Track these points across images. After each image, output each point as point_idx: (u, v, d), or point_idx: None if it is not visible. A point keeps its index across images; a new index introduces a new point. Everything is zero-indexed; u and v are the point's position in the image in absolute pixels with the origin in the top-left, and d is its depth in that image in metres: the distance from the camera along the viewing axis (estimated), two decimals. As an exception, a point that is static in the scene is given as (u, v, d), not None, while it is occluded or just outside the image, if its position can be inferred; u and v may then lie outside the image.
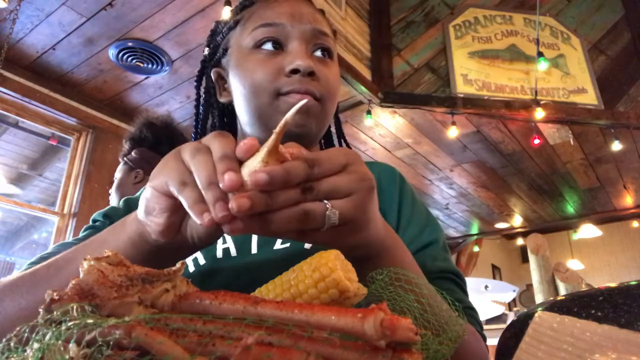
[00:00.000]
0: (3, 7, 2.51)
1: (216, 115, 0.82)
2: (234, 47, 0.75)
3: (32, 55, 3.07)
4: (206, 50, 0.83)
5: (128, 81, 3.36)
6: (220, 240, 0.68)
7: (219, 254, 0.68)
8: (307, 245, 0.65)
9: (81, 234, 0.75)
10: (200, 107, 0.83)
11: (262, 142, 0.40)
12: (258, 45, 0.71)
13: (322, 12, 0.80)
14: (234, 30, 0.77)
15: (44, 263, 0.54)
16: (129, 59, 3.09)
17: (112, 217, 0.75)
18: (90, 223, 0.77)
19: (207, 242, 0.46)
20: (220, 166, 0.39)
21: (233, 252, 0.68)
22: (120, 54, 3.06)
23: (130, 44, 2.98)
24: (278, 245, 0.67)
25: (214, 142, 0.41)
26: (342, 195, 0.39)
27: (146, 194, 0.45)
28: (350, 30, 3.53)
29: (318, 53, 0.73)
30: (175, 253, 0.47)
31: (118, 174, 1.91)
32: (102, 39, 2.96)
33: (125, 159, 1.91)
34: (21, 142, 4.39)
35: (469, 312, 0.67)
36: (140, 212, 0.46)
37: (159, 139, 1.91)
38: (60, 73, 3.24)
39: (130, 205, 0.79)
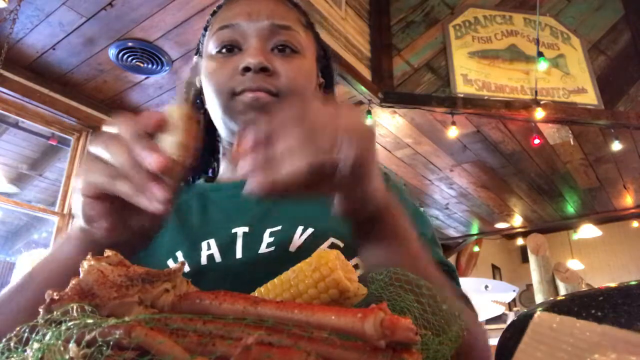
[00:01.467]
0: (3, 7, 2.51)
1: (204, 120, 0.83)
2: (204, 53, 0.76)
3: (32, 55, 3.07)
4: (195, 58, 0.85)
5: (128, 81, 3.36)
6: (205, 247, 0.66)
7: (204, 260, 0.66)
8: (292, 249, 0.64)
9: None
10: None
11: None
12: (217, 49, 0.71)
13: (293, 3, 0.78)
14: (204, 37, 0.79)
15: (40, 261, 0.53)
16: (129, 59, 3.09)
17: None
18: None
19: (156, 227, 0.45)
20: (136, 149, 0.38)
21: (217, 258, 0.66)
22: (120, 54, 3.06)
23: (130, 44, 2.98)
24: (263, 249, 0.65)
25: (117, 126, 0.40)
26: (346, 137, 0.38)
27: (78, 204, 0.43)
28: (350, 30, 3.53)
29: (277, 47, 0.71)
30: (135, 243, 0.46)
31: None
32: (102, 39, 2.96)
33: None
34: (21, 142, 4.39)
35: (467, 301, 0.67)
36: (81, 222, 0.44)
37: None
38: (60, 73, 3.24)
39: None
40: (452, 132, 3.73)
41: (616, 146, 3.81)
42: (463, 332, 0.40)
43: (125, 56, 3.07)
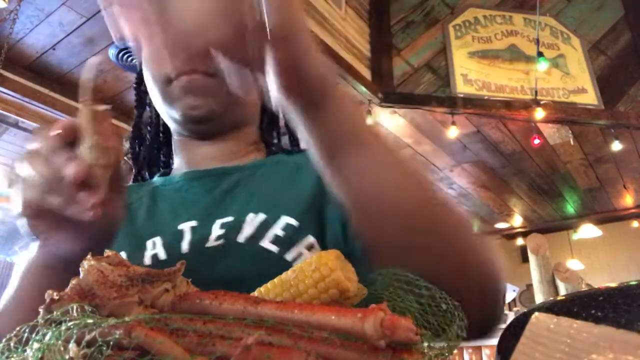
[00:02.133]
0: (3, 7, 2.51)
1: (153, 115, 0.82)
2: None
3: (32, 55, 3.07)
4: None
5: (128, 81, 3.36)
6: (150, 246, 0.63)
7: (147, 261, 0.62)
8: (241, 239, 0.59)
9: None
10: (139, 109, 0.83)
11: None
12: None
13: None
14: None
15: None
16: (129, 59, 3.09)
17: None
18: None
19: (112, 224, 0.45)
20: (56, 162, 0.38)
21: (162, 256, 0.62)
22: (120, 54, 3.06)
23: (130, 44, 2.98)
24: (212, 242, 0.61)
25: (36, 141, 0.40)
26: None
27: (23, 226, 0.42)
28: (350, 30, 3.53)
29: None
30: (98, 246, 0.44)
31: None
32: (102, 39, 2.96)
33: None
34: (21, 142, 4.38)
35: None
36: (35, 243, 0.45)
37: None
38: (60, 73, 3.24)
39: None
40: (452, 132, 3.73)
41: (616, 146, 3.82)
42: (463, 332, 0.40)
43: (125, 56, 3.07)
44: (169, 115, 0.70)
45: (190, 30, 0.36)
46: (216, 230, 0.62)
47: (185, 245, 0.62)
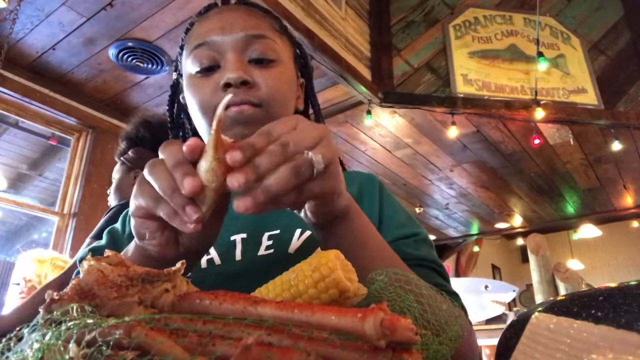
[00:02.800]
0: (3, 7, 2.51)
1: (190, 137, 0.83)
2: (183, 72, 0.77)
3: (32, 55, 3.07)
4: (174, 75, 0.86)
5: (128, 81, 3.36)
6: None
7: (204, 264, 0.69)
8: (291, 250, 0.66)
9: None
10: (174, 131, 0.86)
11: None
12: (196, 69, 0.71)
13: (264, 10, 0.78)
14: (181, 55, 0.79)
15: None
16: (129, 59, 3.09)
17: (100, 253, 0.74)
18: (79, 265, 0.76)
19: (204, 244, 0.49)
20: (176, 174, 0.41)
21: (217, 261, 0.69)
22: (120, 54, 3.06)
23: (130, 44, 2.98)
24: (262, 251, 0.68)
25: (163, 152, 0.43)
26: (311, 143, 0.43)
27: (132, 223, 0.47)
28: (350, 30, 3.53)
29: (255, 58, 0.71)
30: (187, 259, 0.48)
31: (116, 175, 1.88)
32: (102, 39, 2.96)
33: (122, 158, 1.88)
34: (21, 142, 4.39)
35: (453, 297, 0.67)
36: (135, 240, 0.49)
37: (157, 138, 1.88)
38: (60, 73, 3.24)
39: (114, 236, 0.79)
40: (452, 132, 3.73)
41: (616, 146, 3.81)
42: (463, 333, 0.40)
43: (125, 56, 3.07)
44: None
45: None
46: (265, 241, 0.69)
47: (238, 253, 0.69)
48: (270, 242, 0.68)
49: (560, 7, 4.13)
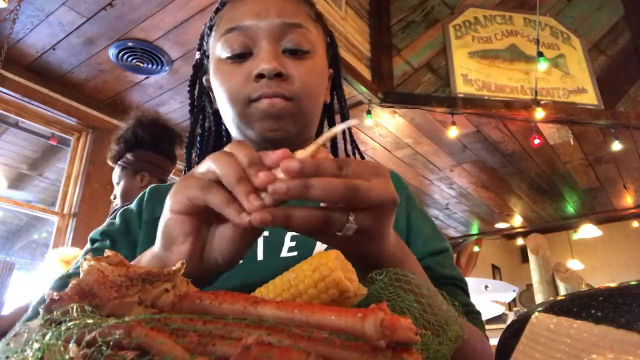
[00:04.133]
0: (3, 7, 2.51)
1: (212, 121, 0.81)
2: (211, 55, 0.74)
3: (32, 55, 3.07)
4: (197, 55, 0.82)
5: (128, 81, 3.36)
6: None
7: None
8: (315, 253, 0.64)
9: (81, 258, 0.71)
10: (195, 113, 0.82)
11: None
12: (227, 54, 0.68)
13: None
14: (209, 37, 0.76)
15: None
16: (129, 59, 3.09)
17: (110, 234, 0.72)
18: (89, 245, 0.73)
19: (232, 261, 0.44)
20: (251, 170, 0.39)
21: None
22: (120, 54, 3.06)
23: (130, 44, 2.98)
24: (285, 253, 0.65)
25: (239, 150, 0.41)
26: (366, 206, 0.39)
27: (166, 222, 0.43)
28: (350, 30, 3.53)
29: (289, 49, 0.68)
30: (198, 284, 0.45)
31: (120, 180, 1.84)
32: (102, 39, 2.96)
33: (122, 163, 1.85)
34: (21, 142, 4.39)
35: (475, 316, 0.68)
36: (158, 246, 0.44)
37: (157, 138, 1.87)
38: (60, 73, 3.24)
39: (127, 218, 0.75)
40: (452, 132, 3.73)
41: (616, 146, 3.82)
42: (463, 333, 0.40)
43: (125, 56, 3.07)
44: (241, 131, 0.71)
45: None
46: (287, 242, 0.66)
47: (260, 251, 0.66)
48: (294, 244, 0.66)
49: (560, 7, 4.13)
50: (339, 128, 0.38)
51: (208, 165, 0.41)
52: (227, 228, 0.43)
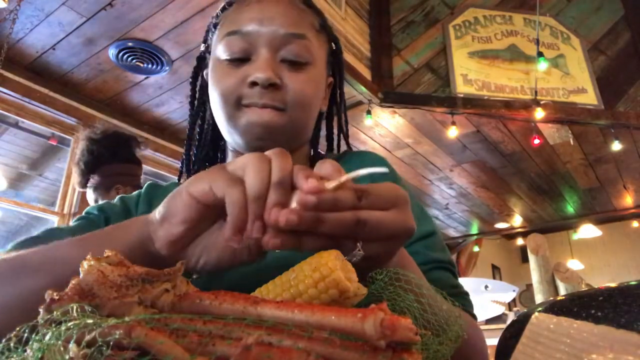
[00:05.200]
0: (3, 7, 2.51)
1: (211, 114, 0.81)
2: (212, 52, 0.74)
3: (32, 55, 3.07)
4: (202, 47, 0.82)
5: (128, 81, 3.36)
6: None
7: None
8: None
9: (73, 223, 0.72)
10: (195, 105, 0.82)
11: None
12: (226, 57, 0.69)
13: (308, 4, 0.75)
14: (213, 33, 0.76)
15: (34, 250, 0.51)
16: (129, 59, 3.09)
17: (107, 212, 0.74)
18: (83, 214, 0.75)
19: (211, 269, 0.44)
20: (273, 194, 0.38)
21: None
22: (120, 54, 3.06)
23: (130, 44, 2.98)
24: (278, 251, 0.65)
25: (277, 159, 0.40)
26: (376, 238, 0.39)
27: (176, 198, 0.43)
28: (350, 30, 3.53)
29: (288, 59, 0.68)
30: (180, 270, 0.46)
31: (97, 200, 1.83)
32: (102, 39, 2.96)
33: (91, 186, 1.83)
34: (21, 142, 4.38)
35: (464, 297, 0.68)
36: (156, 214, 0.44)
37: (114, 148, 1.85)
38: (60, 73, 3.24)
39: (126, 203, 0.77)
40: (452, 132, 3.73)
41: (616, 146, 3.82)
42: (463, 333, 0.40)
43: (125, 56, 3.07)
44: (229, 134, 0.71)
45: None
46: None
47: None
48: None
49: (560, 7, 4.13)
50: (366, 171, 0.38)
51: (242, 165, 0.41)
52: (222, 237, 0.42)
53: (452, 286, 0.67)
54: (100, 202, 1.80)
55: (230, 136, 0.71)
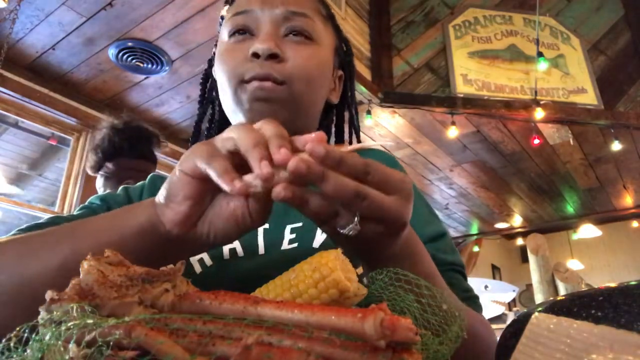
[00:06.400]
0: (3, 7, 2.51)
1: (218, 112, 0.81)
2: (219, 41, 0.75)
3: (32, 55, 3.07)
4: (213, 49, 0.82)
5: (128, 81, 3.36)
6: None
7: (226, 254, 0.66)
8: (316, 244, 0.64)
9: (76, 212, 0.72)
10: (203, 105, 0.83)
11: None
12: (230, 35, 0.70)
13: None
14: (221, 26, 0.77)
15: (39, 232, 0.51)
16: (129, 59, 3.09)
17: (109, 202, 0.74)
18: (87, 203, 0.75)
19: (223, 239, 0.45)
20: (275, 141, 0.39)
21: (240, 252, 0.66)
22: (120, 54, 3.06)
23: (130, 44, 2.98)
24: (285, 245, 0.65)
25: (267, 124, 0.41)
26: (372, 216, 0.39)
27: (172, 178, 0.43)
28: (350, 30, 3.53)
29: (291, 31, 0.68)
30: (183, 249, 0.45)
31: (105, 190, 1.79)
32: (102, 39, 2.96)
33: (104, 173, 1.81)
34: (21, 142, 4.39)
35: (474, 300, 0.69)
36: (160, 197, 0.44)
37: (134, 143, 1.82)
38: (60, 73, 3.24)
39: (130, 194, 0.77)
40: (452, 132, 3.73)
41: (616, 146, 3.82)
42: (463, 333, 0.40)
43: (125, 56, 3.07)
44: (235, 115, 0.71)
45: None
46: (287, 234, 0.66)
47: (260, 245, 0.66)
48: (293, 236, 0.66)
49: (560, 7, 4.13)
50: (373, 144, 0.39)
51: (229, 133, 0.41)
52: (227, 205, 0.43)
53: (464, 290, 0.67)
54: (109, 192, 1.79)
55: (235, 116, 0.71)
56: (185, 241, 0.44)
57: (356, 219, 0.39)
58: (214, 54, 0.81)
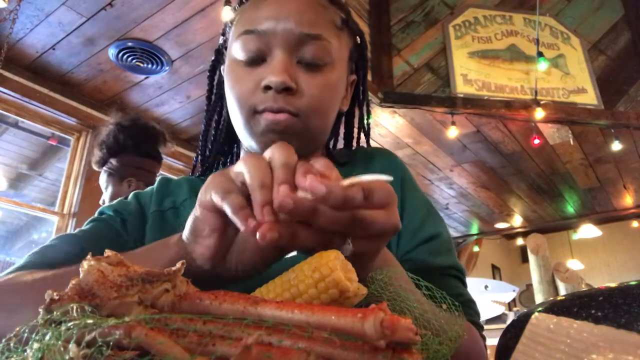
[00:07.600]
0: (3, 7, 2.51)
1: (225, 111, 0.80)
2: (228, 49, 0.73)
3: (32, 55, 3.07)
4: (221, 40, 0.80)
5: (128, 81, 3.36)
6: None
7: None
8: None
9: (85, 226, 0.71)
10: (212, 99, 0.81)
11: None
12: (241, 57, 0.67)
13: (330, 0, 0.71)
14: (230, 28, 0.74)
15: (55, 273, 0.50)
16: (129, 59, 3.09)
17: (122, 212, 0.72)
18: (97, 215, 0.73)
19: (250, 272, 0.44)
20: (279, 173, 0.38)
21: None
22: (120, 54, 3.06)
23: (130, 44, 2.98)
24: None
25: (277, 150, 0.40)
26: (367, 235, 0.39)
27: (195, 215, 0.43)
28: (350, 30, 3.53)
29: (305, 61, 0.66)
30: (214, 283, 0.44)
31: (107, 185, 1.81)
32: (102, 39, 2.96)
33: (107, 169, 1.82)
34: (21, 142, 4.39)
35: (469, 305, 0.67)
36: (186, 234, 0.44)
37: (139, 141, 1.83)
38: (60, 73, 3.24)
39: (140, 201, 0.76)
40: (452, 132, 3.73)
41: (616, 146, 3.82)
42: (463, 333, 0.40)
43: (125, 56, 3.07)
44: (245, 139, 0.70)
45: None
46: None
47: None
48: None
49: (560, 7, 4.13)
50: (383, 177, 0.37)
51: (241, 166, 0.41)
52: (251, 237, 0.42)
53: (456, 295, 0.66)
54: (111, 188, 1.79)
55: (246, 141, 0.70)
56: (216, 275, 0.44)
57: (348, 240, 0.39)
58: (222, 46, 0.79)
